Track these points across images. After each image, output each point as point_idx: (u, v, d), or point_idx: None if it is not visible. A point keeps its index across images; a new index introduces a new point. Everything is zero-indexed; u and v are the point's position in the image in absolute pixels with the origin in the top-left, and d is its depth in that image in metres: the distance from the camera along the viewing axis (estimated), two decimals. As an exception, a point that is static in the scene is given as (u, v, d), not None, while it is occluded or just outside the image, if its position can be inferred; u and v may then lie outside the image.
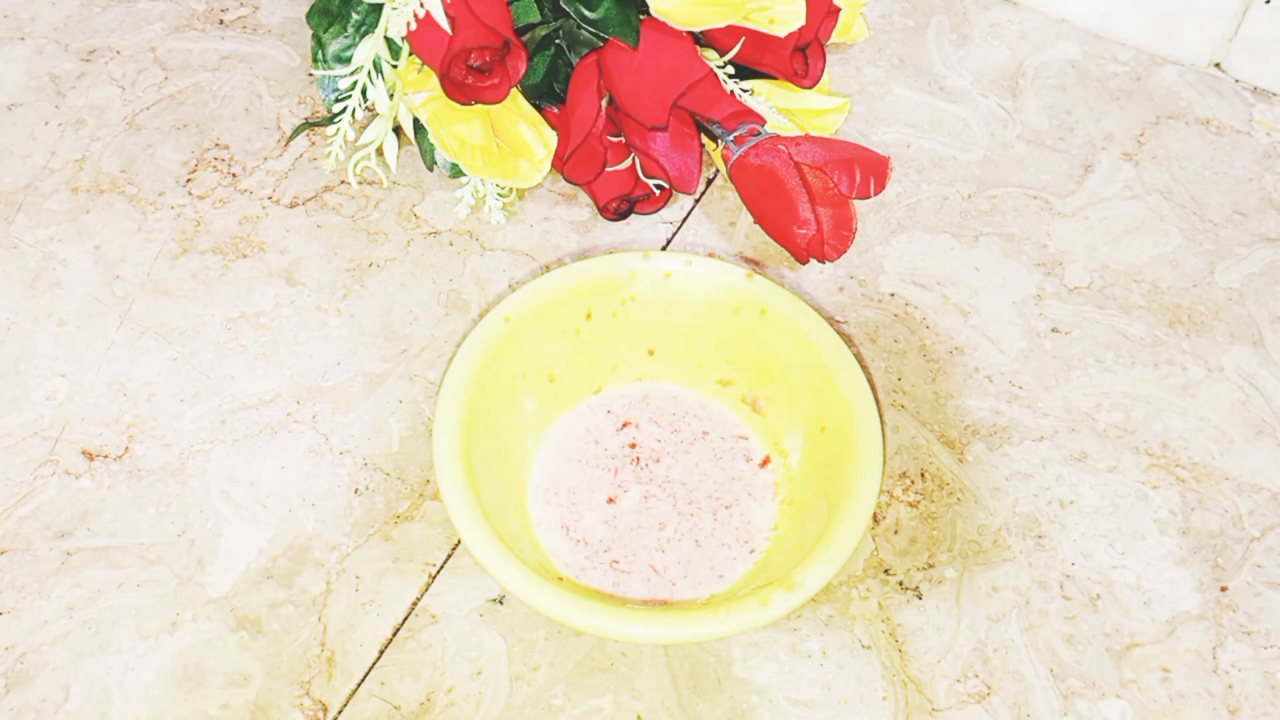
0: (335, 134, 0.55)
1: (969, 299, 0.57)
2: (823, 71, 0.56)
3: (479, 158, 0.54)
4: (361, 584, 0.48)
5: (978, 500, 0.51)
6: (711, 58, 0.56)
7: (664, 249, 0.59)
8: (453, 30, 0.50)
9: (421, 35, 0.50)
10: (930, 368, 0.55)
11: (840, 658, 0.47)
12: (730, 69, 0.55)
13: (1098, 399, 0.54)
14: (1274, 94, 0.66)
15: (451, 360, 0.49)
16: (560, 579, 0.47)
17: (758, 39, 0.53)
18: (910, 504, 0.51)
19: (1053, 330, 0.56)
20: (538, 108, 0.56)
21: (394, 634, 0.47)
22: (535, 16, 0.55)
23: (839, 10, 0.56)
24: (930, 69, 0.67)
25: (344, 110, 0.54)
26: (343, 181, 0.61)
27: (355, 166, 0.56)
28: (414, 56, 0.54)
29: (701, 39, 0.55)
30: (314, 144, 0.62)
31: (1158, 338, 0.56)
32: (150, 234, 0.59)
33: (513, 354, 0.49)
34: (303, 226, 0.59)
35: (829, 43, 0.57)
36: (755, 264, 0.58)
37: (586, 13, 0.54)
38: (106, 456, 0.51)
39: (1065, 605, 0.48)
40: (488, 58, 0.51)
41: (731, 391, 0.52)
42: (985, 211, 0.61)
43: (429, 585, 0.48)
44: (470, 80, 0.52)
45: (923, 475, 0.52)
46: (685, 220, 0.60)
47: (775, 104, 0.56)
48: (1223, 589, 0.49)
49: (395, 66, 0.54)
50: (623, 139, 0.57)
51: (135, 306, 0.56)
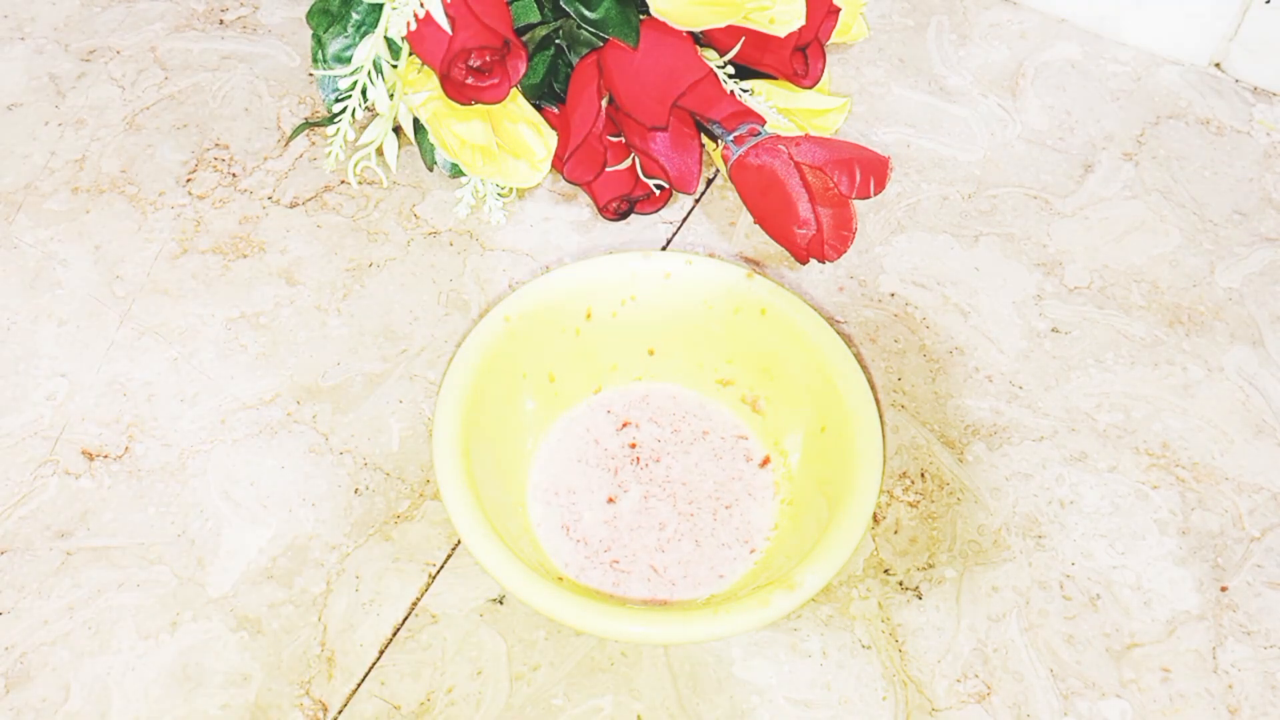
0: (335, 134, 0.55)
1: (969, 299, 0.57)
2: (823, 71, 0.56)
3: (479, 158, 0.54)
4: (361, 584, 0.48)
5: (978, 500, 0.51)
6: (711, 58, 0.56)
7: (664, 249, 0.59)
8: (453, 30, 0.50)
9: (421, 35, 0.50)
10: (930, 368, 0.55)
11: (840, 658, 0.47)
12: (730, 69, 0.55)
13: (1098, 399, 0.54)
14: (1274, 94, 0.66)
15: (451, 360, 0.49)
16: (560, 579, 0.47)
17: (758, 39, 0.53)
18: (910, 504, 0.51)
19: (1053, 330, 0.56)
20: (538, 108, 0.56)
21: (394, 634, 0.47)
22: (535, 16, 0.55)
23: (839, 10, 0.56)
24: (930, 69, 0.67)
25: (344, 110, 0.54)
26: (343, 181, 0.61)
27: (355, 166, 0.56)
28: (414, 56, 0.54)
29: (701, 39, 0.55)
30: (314, 144, 0.62)
31: (1158, 338, 0.56)
32: (150, 234, 0.59)
33: (513, 354, 0.49)
34: (303, 226, 0.59)
35: (829, 43, 0.57)
36: (755, 264, 0.58)
37: (586, 13, 0.54)
38: (106, 456, 0.51)
39: (1065, 605, 0.48)
40: (488, 58, 0.51)
41: (731, 391, 0.52)
42: (985, 211, 0.61)
43: (429, 585, 0.48)
44: (470, 80, 0.52)
45: (923, 475, 0.52)
46: (685, 220, 0.60)
47: (775, 104, 0.56)
48: (1223, 589, 0.49)
49: (395, 66, 0.54)
50: (623, 139, 0.57)
51: (135, 306, 0.56)
